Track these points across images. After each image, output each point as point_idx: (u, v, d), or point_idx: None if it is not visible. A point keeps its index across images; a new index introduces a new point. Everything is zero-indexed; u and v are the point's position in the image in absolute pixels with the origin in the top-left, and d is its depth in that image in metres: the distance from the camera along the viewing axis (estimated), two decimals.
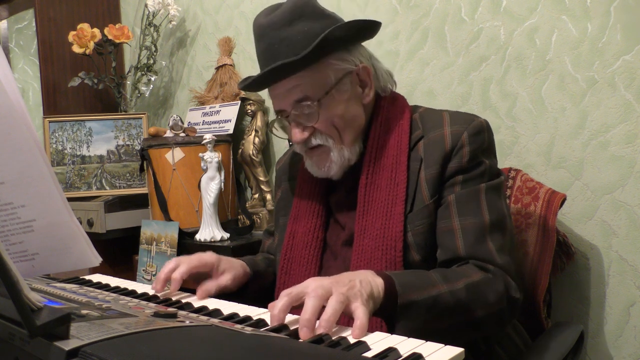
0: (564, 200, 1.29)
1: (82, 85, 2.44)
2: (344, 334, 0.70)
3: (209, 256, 1.05)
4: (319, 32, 1.01)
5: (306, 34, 1.01)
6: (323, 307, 0.75)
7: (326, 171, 1.10)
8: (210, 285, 1.01)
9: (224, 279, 1.05)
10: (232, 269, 1.08)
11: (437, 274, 0.92)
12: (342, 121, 1.07)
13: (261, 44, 1.05)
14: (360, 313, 0.74)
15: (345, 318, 0.78)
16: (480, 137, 1.05)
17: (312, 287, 0.77)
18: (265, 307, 0.86)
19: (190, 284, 1.04)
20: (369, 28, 1.09)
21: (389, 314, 0.85)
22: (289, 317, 0.79)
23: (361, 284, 0.80)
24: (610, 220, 1.38)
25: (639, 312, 1.36)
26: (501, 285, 0.94)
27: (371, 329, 0.93)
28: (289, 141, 1.95)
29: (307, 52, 0.99)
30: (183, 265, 1.01)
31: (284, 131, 1.15)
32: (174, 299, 0.95)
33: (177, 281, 0.99)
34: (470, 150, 1.03)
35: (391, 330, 0.86)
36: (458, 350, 0.64)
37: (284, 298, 0.77)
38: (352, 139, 1.09)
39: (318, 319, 0.73)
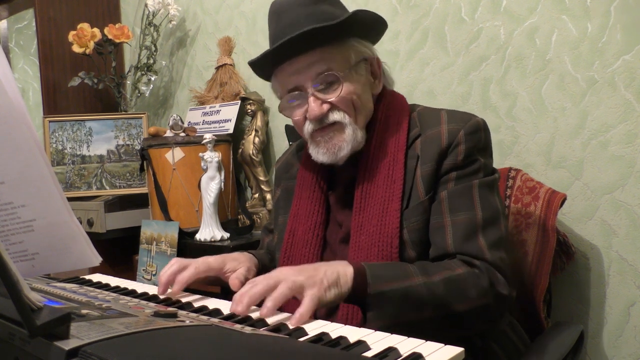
0: (564, 200, 1.29)
1: (82, 85, 2.44)
2: (342, 333, 0.70)
3: (214, 260, 1.07)
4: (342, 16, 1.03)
5: (331, 15, 1.03)
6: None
7: (336, 152, 1.08)
8: (239, 275, 1.06)
9: (243, 271, 1.08)
10: (241, 264, 1.10)
11: (416, 267, 0.94)
12: (360, 101, 1.08)
13: (284, 18, 1.05)
14: (306, 301, 0.80)
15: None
16: (476, 135, 1.05)
17: (269, 276, 0.84)
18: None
19: (194, 284, 1.04)
20: (380, 22, 1.12)
21: (361, 303, 0.89)
22: (290, 317, 0.80)
23: (325, 273, 0.85)
24: (610, 220, 1.38)
25: (639, 312, 1.36)
26: (485, 281, 0.94)
27: (350, 320, 0.96)
28: (289, 140, 1.95)
29: (340, 20, 1.01)
30: (191, 269, 1.01)
31: (298, 104, 1.10)
32: (173, 298, 0.95)
33: (181, 283, 0.99)
34: (466, 148, 1.03)
35: (364, 320, 0.88)
36: (458, 350, 0.64)
37: (246, 286, 0.83)
38: (363, 123, 1.10)
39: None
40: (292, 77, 1.07)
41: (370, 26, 1.11)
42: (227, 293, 1.06)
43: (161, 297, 0.97)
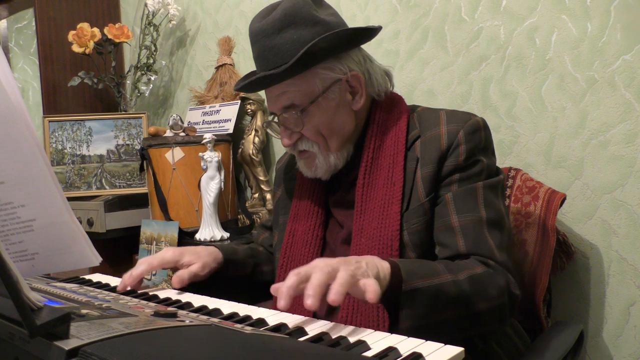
0: (564, 199, 1.29)
1: (82, 84, 2.44)
2: (342, 333, 0.70)
3: (171, 254, 1.09)
4: (307, 41, 1.01)
5: (294, 43, 1.02)
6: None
7: (313, 173, 1.13)
8: (182, 272, 1.07)
9: (195, 267, 1.09)
10: (198, 259, 1.11)
11: (440, 264, 0.93)
12: (328, 129, 1.08)
13: (254, 50, 1.08)
14: (371, 281, 0.75)
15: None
16: (476, 135, 1.05)
17: (319, 265, 0.77)
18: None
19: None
20: (359, 36, 1.09)
21: (392, 300, 0.86)
22: (290, 317, 0.79)
23: (367, 266, 0.81)
24: (610, 219, 1.38)
25: (639, 311, 1.36)
26: (502, 280, 0.94)
27: (372, 322, 0.94)
28: None
29: (289, 65, 1.00)
30: (143, 265, 1.05)
31: (276, 131, 1.16)
32: (174, 298, 0.95)
33: (133, 278, 1.02)
34: (466, 149, 1.03)
35: (392, 318, 0.86)
36: (458, 349, 0.64)
37: (292, 277, 0.76)
38: (339, 145, 1.10)
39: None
40: (268, 103, 1.13)
41: (341, 46, 1.06)
42: (198, 288, 1.08)
43: (161, 296, 0.97)
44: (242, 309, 0.85)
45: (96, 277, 1.13)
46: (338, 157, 1.10)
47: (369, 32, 1.09)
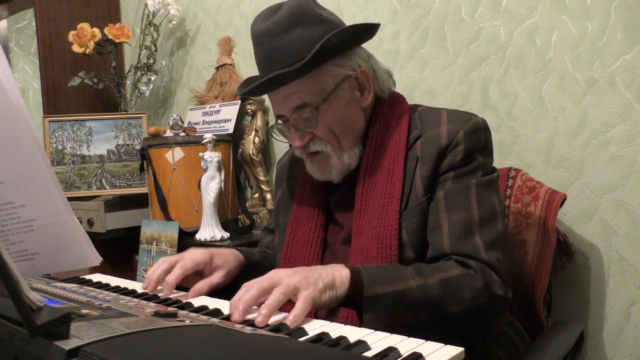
0: (564, 199, 1.29)
1: (82, 84, 2.44)
2: (342, 333, 0.70)
3: (201, 255, 1.05)
4: (316, 39, 1.01)
5: (303, 41, 1.01)
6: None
7: (327, 175, 1.11)
8: (202, 285, 1.01)
9: (216, 277, 1.05)
10: (225, 264, 1.08)
11: (411, 269, 0.93)
12: (341, 127, 1.07)
13: (259, 51, 1.05)
14: (299, 303, 0.79)
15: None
16: (476, 135, 1.04)
17: (264, 278, 0.83)
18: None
19: (184, 282, 1.04)
20: (366, 31, 1.09)
21: (357, 306, 0.88)
22: (286, 316, 0.80)
23: (320, 275, 0.84)
24: (610, 219, 1.38)
25: (639, 311, 1.36)
26: (480, 282, 0.93)
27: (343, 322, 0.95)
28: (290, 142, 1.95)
29: (303, 63, 0.99)
30: (177, 269, 1.01)
31: (283, 135, 1.15)
32: (173, 298, 0.95)
33: (170, 286, 0.99)
34: (464, 148, 1.03)
35: (360, 322, 0.88)
36: (458, 350, 0.64)
37: (241, 291, 0.82)
38: (351, 143, 1.09)
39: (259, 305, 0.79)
40: (275, 106, 1.10)
41: (351, 42, 1.06)
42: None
43: (161, 297, 0.97)
44: None
45: (96, 277, 1.13)
46: (351, 156, 1.09)
47: (373, 28, 1.10)
